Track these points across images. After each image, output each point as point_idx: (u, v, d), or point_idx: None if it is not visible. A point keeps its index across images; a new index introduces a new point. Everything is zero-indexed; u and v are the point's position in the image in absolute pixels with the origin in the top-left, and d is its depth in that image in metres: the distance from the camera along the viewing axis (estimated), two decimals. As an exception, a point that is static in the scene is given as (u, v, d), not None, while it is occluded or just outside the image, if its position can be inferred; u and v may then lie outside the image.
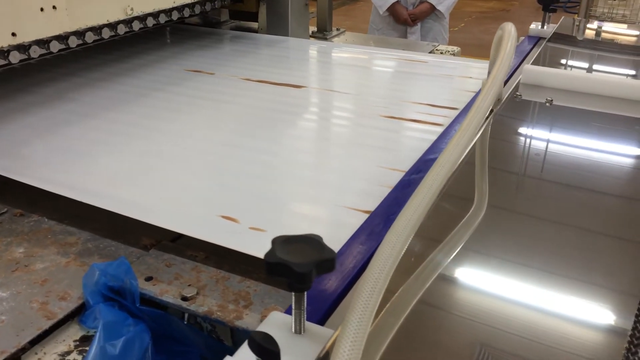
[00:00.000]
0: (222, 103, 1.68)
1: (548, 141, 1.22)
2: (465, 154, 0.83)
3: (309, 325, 0.67)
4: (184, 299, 0.91)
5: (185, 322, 0.93)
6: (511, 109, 1.33)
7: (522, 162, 1.15)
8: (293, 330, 0.66)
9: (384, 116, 1.55)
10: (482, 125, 1.25)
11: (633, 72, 1.61)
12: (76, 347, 0.85)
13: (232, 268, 0.98)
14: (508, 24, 1.17)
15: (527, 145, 1.22)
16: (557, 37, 1.90)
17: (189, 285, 0.93)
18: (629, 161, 1.12)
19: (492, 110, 1.31)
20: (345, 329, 0.56)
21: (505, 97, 1.36)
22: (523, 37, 2.13)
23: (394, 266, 0.64)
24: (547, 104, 1.33)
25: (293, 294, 0.64)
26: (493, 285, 0.77)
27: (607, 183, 1.05)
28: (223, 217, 1.09)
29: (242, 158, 1.33)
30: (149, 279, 0.95)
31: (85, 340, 0.87)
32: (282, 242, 0.63)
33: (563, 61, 1.71)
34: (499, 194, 1.01)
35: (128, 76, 1.88)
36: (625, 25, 2.12)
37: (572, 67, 1.62)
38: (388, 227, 0.68)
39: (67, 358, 0.84)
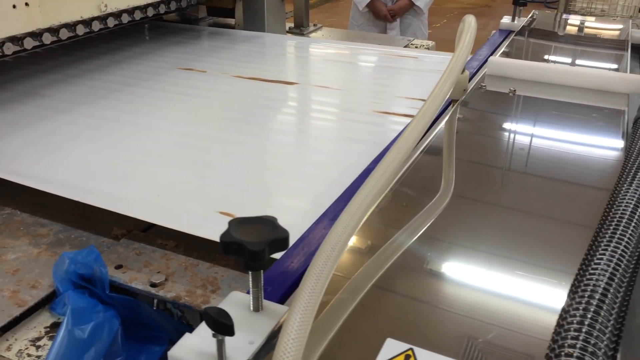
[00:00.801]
0: (199, 98, 1.71)
1: (509, 131, 1.26)
2: (418, 140, 0.86)
3: (267, 304, 0.70)
4: (153, 285, 0.93)
5: (155, 308, 0.95)
6: (475, 99, 1.37)
7: (482, 150, 1.18)
8: (251, 308, 0.69)
9: (375, 111, 1.57)
10: (447, 115, 1.29)
11: (592, 63, 1.66)
12: (47, 333, 0.88)
13: (201, 255, 1.01)
14: (469, 16, 1.21)
15: (488, 134, 1.26)
16: (525, 30, 1.95)
17: (158, 272, 0.96)
18: (585, 149, 1.16)
19: (457, 100, 1.35)
20: (296, 304, 0.59)
21: (471, 87, 1.40)
22: (495, 31, 2.18)
23: (345, 245, 0.67)
24: (511, 94, 1.37)
25: (250, 273, 0.67)
26: (445, 270, 0.79)
27: (564, 170, 1.09)
28: (195, 206, 1.12)
29: (217, 150, 1.36)
30: (118, 267, 0.97)
31: (56, 326, 0.89)
32: (237, 223, 0.66)
33: (528, 53, 1.75)
34: (458, 182, 1.05)
35: (103, 72, 1.90)
36: (593, 18, 2.17)
37: (535, 58, 1.66)
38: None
39: (37, 344, 0.86)
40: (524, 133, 1.24)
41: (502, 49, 1.75)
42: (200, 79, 1.87)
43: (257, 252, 0.63)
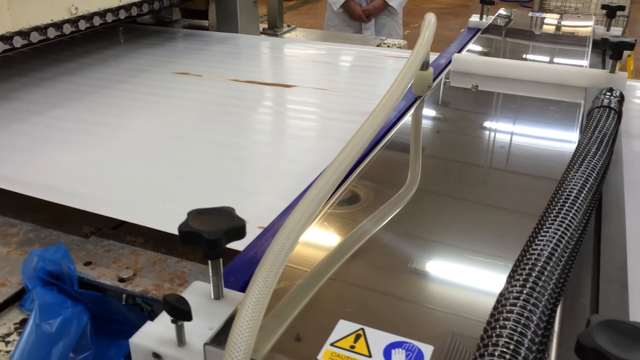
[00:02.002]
0: (173, 99, 1.73)
1: (469, 125, 1.30)
2: (375, 135, 0.89)
3: (228, 292, 0.73)
4: (121, 280, 0.95)
5: (124, 303, 0.97)
6: (439, 95, 1.41)
7: (443, 145, 1.22)
8: (212, 296, 0.72)
9: (354, 110, 1.60)
10: (412, 110, 1.33)
11: (555, 59, 1.71)
12: (16, 329, 0.89)
13: (169, 251, 1.03)
14: (429, 14, 1.25)
15: (449, 129, 1.30)
16: (491, 28, 2.00)
17: (127, 267, 0.98)
18: (541, 142, 1.20)
19: (422, 97, 1.39)
20: (251, 289, 0.62)
21: (435, 83, 1.44)
22: (464, 29, 2.24)
23: (301, 233, 0.70)
24: (473, 90, 1.41)
25: (209, 262, 0.70)
26: (403, 261, 0.82)
27: (522, 162, 1.13)
28: (165, 203, 1.14)
29: (191, 150, 1.39)
30: (87, 263, 0.99)
31: (25, 322, 0.90)
32: (196, 214, 0.69)
33: (492, 50, 1.80)
34: (421, 176, 1.08)
35: (75, 75, 1.91)
36: (557, 16, 2.23)
37: (498, 55, 1.71)
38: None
39: (7, 339, 0.87)
40: (484, 127, 1.28)
41: (469, 46, 1.79)
42: (174, 80, 1.88)
43: (213, 240, 0.65)
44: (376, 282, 0.76)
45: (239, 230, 0.67)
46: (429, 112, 1.34)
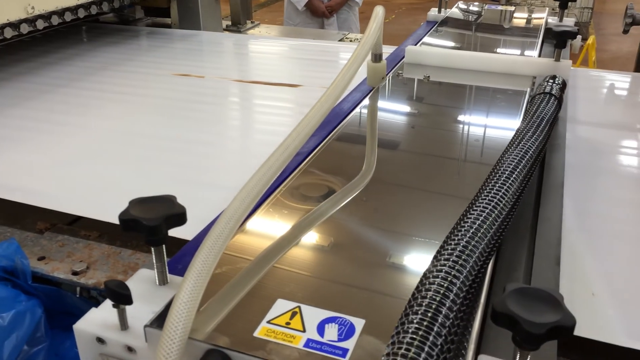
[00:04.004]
0: (133, 96, 1.73)
1: (419, 115, 1.34)
2: (318, 125, 0.92)
3: (173, 277, 0.75)
4: (75, 273, 0.96)
5: (78, 296, 0.98)
6: (392, 86, 1.45)
7: (393, 134, 1.26)
8: (157, 282, 0.74)
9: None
10: (366, 101, 1.36)
11: (508, 50, 1.76)
12: (-32, 325, 0.90)
13: (124, 244, 1.04)
14: (378, 7, 1.28)
15: (399, 119, 1.34)
16: (447, 21, 2.05)
17: (80, 261, 0.99)
18: (488, 130, 1.25)
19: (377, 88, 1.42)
20: (189, 273, 0.64)
21: (389, 75, 1.48)
22: (423, 23, 2.28)
23: (242, 218, 0.72)
24: (425, 80, 1.45)
25: (152, 248, 0.72)
26: (344, 246, 0.85)
27: (469, 149, 1.17)
28: (119, 197, 1.15)
29: (152, 146, 1.40)
30: (41, 258, 1.00)
31: (-22, 318, 0.91)
32: (137, 202, 0.71)
33: (447, 42, 1.85)
34: (366, 164, 1.11)
35: (34, 75, 1.90)
36: (512, 8, 2.29)
37: (450, 46, 1.76)
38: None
39: (-41, 335, 0.88)
40: (432, 116, 1.32)
41: (425, 38, 1.83)
42: (135, 78, 1.89)
43: (153, 227, 0.67)
44: (316, 265, 0.79)
45: (179, 217, 0.70)
46: (381, 103, 1.38)
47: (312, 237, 0.85)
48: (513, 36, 1.95)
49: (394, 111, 1.39)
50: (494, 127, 1.24)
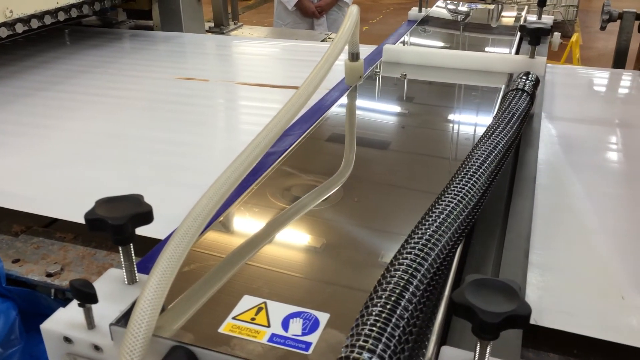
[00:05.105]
0: (116, 99, 1.73)
1: (394, 113, 1.35)
2: (290, 123, 0.93)
3: (142, 276, 0.75)
4: (49, 275, 0.97)
5: (53, 298, 0.98)
6: (369, 84, 1.46)
7: (369, 131, 1.27)
8: (126, 281, 0.74)
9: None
10: (344, 99, 1.37)
11: (488, 48, 1.78)
12: (-58, 328, 0.90)
13: (99, 245, 1.04)
14: (353, 6, 1.29)
15: (376, 117, 1.35)
16: (427, 19, 2.06)
17: (55, 263, 0.99)
18: (463, 127, 1.26)
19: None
20: (154, 271, 0.65)
21: (366, 73, 1.49)
22: (404, 22, 2.29)
23: (208, 217, 0.73)
24: (402, 79, 1.46)
25: (120, 248, 0.72)
26: (315, 245, 0.85)
27: (442, 145, 1.18)
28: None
29: (133, 148, 1.40)
30: (15, 261, 1.00)
31: (-49, 321, 0.91)
32: (103, 202, 0.71)
33: (426, 40, 1.86)
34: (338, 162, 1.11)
35: (15, 78, 1.90)
36: (492, 7, 2.31)
37: (429, 45, 1.77)
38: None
39: None
40: (408, 114, 1.33)
41: (404, 37, 1.85)
42: (117, 80, 1.89)
43: (118, 226, 0.68)
44: (284, 262, 0.79)
45: (145, 216, 0.70)
46: (358, 102, 1.39)
47: (283, 235, 0.86)
48: (492, 34, 1.97)
49: (370, 109, 1.40)
50: (468, 124, 1.25)
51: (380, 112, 1.39)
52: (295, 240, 0.86)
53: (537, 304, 0.85)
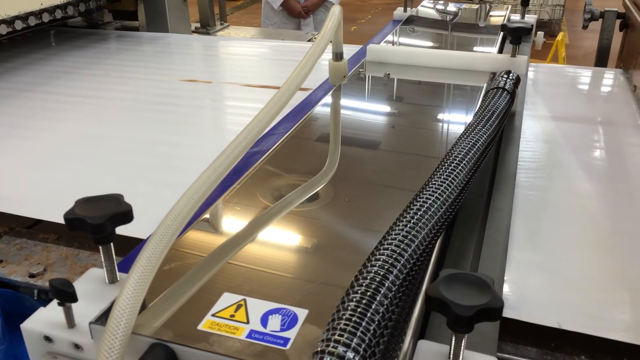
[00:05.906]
0: (100, 99, 1.73)
1: (377, 112, 1.36)
2: (271, 122, 0.93)
3: (123, 275, 0.75)
4: (32, 276, 0.97)
5: (37, 299, 0.99)
6: (353, 84, 1.47)
7: (353, 130, 1.28)
8: (107, 280, 0.75)
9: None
10: (328, 98, 1.38)
11: (471, 47, 1.80)
12: None
13: (82, 245, 1.05)
14: (335, 6, 1.30)
15: (359, 116, 1.36)
16: (411, 19, 2.08)
17: (38, 263, 0.99)
18: (445, 125, 1.27)
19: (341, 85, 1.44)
20: (133, 269, 0.65)
21: (350, 73, 1.50)
22: (389, 22, 2.31)
23: (189, 216, 0.73)
24: (385, 78, 1.48)
25: (100, 247, 0.72)
26: (296, 243, 0.86)
27: (426, 145, 1.19)
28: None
29: (118, 149, 1.40)
30: (-2, 262, 1.00)
31: None
32: (83, 202, 0.72)
33: (408, 40, 1.88)
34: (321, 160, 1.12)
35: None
36: (476, 6, 2.33)
37: (415, 44, 1.79)
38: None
39: None
40: (391, 113, 1.34)
41: (388, 37, 1.86)
42: (103, 81, 1.88)
43: (98, 225, 0.68)
44: (263, 259, 0.80)
45: (124, 215, 0.70)
46: (343, 101, 1.40)
47: (264, 233, 0.86)
48: (476, 33, 1.98)
49: (354, 108, 1.41)
50: (450, 122, 1.27)
51: (364, 111, 1.40)
52: (276, 239, 0.87)
53: (516, 299, 0.86)
